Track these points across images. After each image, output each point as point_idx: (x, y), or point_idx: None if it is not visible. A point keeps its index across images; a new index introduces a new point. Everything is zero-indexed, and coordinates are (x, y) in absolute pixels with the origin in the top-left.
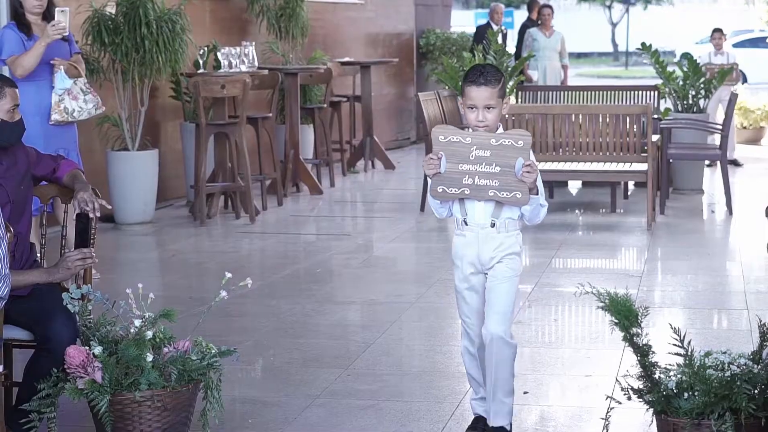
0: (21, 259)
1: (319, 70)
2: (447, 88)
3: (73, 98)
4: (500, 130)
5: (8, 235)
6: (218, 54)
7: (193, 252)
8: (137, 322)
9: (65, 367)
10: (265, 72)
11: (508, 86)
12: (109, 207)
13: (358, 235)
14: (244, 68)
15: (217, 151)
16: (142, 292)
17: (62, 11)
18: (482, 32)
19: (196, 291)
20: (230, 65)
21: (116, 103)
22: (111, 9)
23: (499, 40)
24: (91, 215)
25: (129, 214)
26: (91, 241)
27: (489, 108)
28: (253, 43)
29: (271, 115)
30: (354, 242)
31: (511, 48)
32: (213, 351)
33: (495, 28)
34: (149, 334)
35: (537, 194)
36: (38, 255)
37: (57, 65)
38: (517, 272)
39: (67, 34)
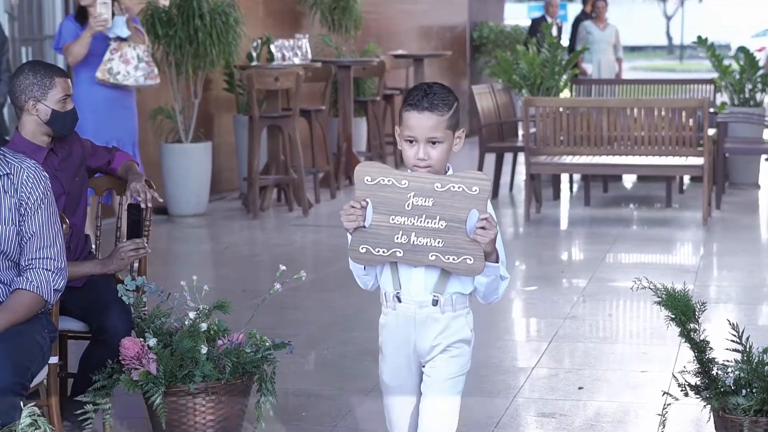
0: (76, 250)
1: (372, 63)
2: (500, 81)
3: (123, 61)
4: (450, 171)
5: (64, 226)
6: (271, 46)
7: (246, 245)
8: (192, 314)
9: (120, 358)
10: (319, 65)
11: (561, 81)
12: (161, 200)
13: None
14: (297, 61)
15: (270, 144)
16: (196, 284)
17: (104, 3)
18: (537, 25)
19: (249, 283)
20: (283, 58)
21: (170, 95)
22: (165, 1)
23: (554, 32)
24: (142, 206)
25: (182, 207)
26: (145, 232)
27: (434, 142)
28: (307, 36)
29: (324, 107)
30: None
31: (565, 41)
32: (267, 344)
33: (549, 20)
34: (204, 326)
35: (496, 261)
36: (93, 246)
37: (123, 8)
38: (464, 369)
39: (110, 25)
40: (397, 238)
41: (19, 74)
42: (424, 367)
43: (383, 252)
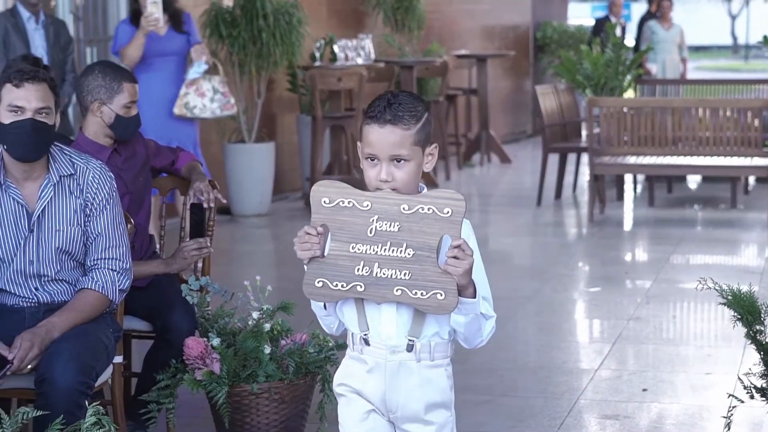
0: (140, 250)
1: (435, 63)
2: (564, 81)
3: (199, 94)
4: (424, 190)
5: (129, 226)
6: (335, 46)
7: None
8: (255, 314)
9: (184, 358)
10: (381, 65)
11: (625, 81)
12: (224, 200)
13: (474, 229)
14: (360, 61)
15: (333, 144)
16: (260, 284)
17: (154, 2)
18: (600, 25)
19: None
20: (346, 58)
21: (233, 95)
22: (229, 2)
23: (618, 32)
24: (204, 206)
25: (245, 206)
26: (209, 232)
27: (398, 160)
28: (370, 36)
29: None
30: None
31: (629, 41)
32: (330, 344)
33: (613, 20)
34: (267, 326)
35: (472, 296)
36: (157, 246)
37: (197, 55)
38: None
39: (161, 24)
40: (358, 270)
41: (89, 74)
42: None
43: (342, 286)
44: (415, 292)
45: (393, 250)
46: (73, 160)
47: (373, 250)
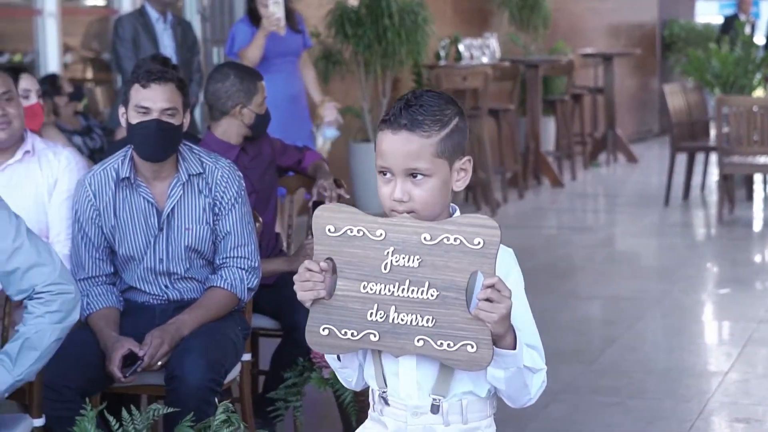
0: (267, 248)
1: (560, 62)
2: (691, 80)
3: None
4: (457, 213)
5: (257, 224)
6: (460, 45)
7: None
8: None
9: (311, 356)
10: (507, 64)
11: (755, 79)
12: (347, 197)
13: (600, 229)
14: (485, 60)
15: None
16: None
17: (276, 2)
18: (729, 22)
19: None
20: (471, 57)
21: (358, 94)
22: (354, 1)
23: (747, 30)
24: (326, 203)
25: (369, 205)
26: None
27: (415, 175)
28: (495, 35)
29: (512, 107)
30: (596, 236)
31: (759, 39)
32: None
33: (742, 18)
34: None
35: (512, 346)
36: (284, 244)
37: (330, 115)
38: None
39: (282, 24)
40: (372, 315)
41: (224, 79)
42: None
43: (352, 335)
44: (441, 343)
45: (413, 291)
46: (202, 159)
47: (389, 291)
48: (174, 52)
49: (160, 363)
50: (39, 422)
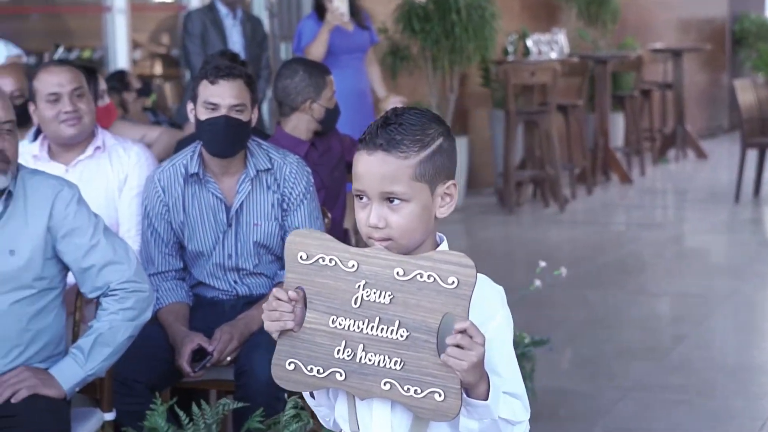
0: None
1: (629, 57)
2: (762, 75)
3: None
4: (443, 247)
5: (326, 220)
6: (528, 41)
7: (501, 240)
8: None
9: None
10: (575, 59)
11: None
12: None
13: (670, 226)
14: (553, 55)
15: (526, 139)
16: None
17: None
18: None
19: (504, 279)
20: (539, 52)
21: (426, 90)
22: None
23: None
24: None
25: None
26: None
27: (392, 200)
28: (563, 30)
29: (581, 103)
30: (665, 233)
31: None
32: (526, 340)
33: None
34: None
35: (485, 396)
36: (353, 241)
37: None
38: None
39: (346, 19)
40: (339, 352)
41: (293, 76)
42: None
43: (318, 372)
44: (408, 389)
45: (382, 329)
46: (271, 154)
47: (358, 327)
48: (243, 48)
49: (229, 358)
50: (110, 416)
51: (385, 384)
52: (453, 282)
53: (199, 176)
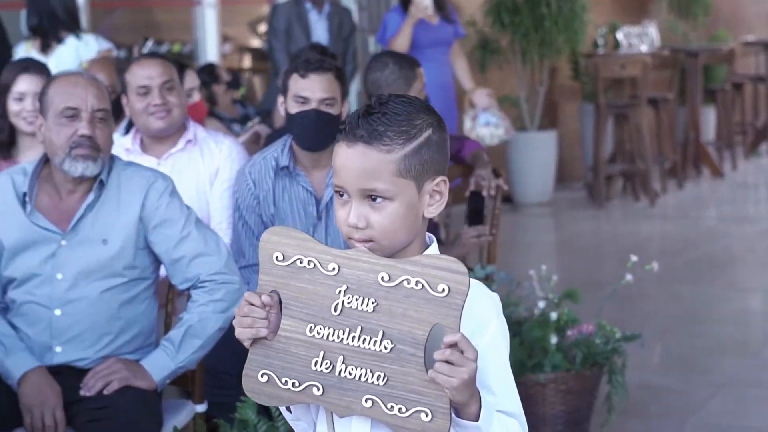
0: None
1: (721, 50)
2: None
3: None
4: (431, 251)
5: None
6: (618, 33)
7: (590, 234)
8: (541, 304)
9: None
10: (666, 52)
11: None
12: (506, 187)
13: (761, 220)
14: (644, 48)
15: (616, 133)
16: (545, 273)
17: None
18: None
19: (594, 274)
20: (630, 45)
21: (515, 83)
22: None
23: None
24: (484, 193)
25: (527, 195)
26: (494, 221)
27: (374, 198)
28: (654, 22)
29: (671, 96)
30: (757, 227)
31: None
32: (617, 335)
33: None
34: (554, 315)
35: (475, 417)
36: (443, 235)
37: (485, 103)
38: None
39: (430, 13)
40: (316, 364)
41: (383, 68)
42: None
43: (294, 385)
44: (391, 407)
45: (365, 340)
46: None
47: (338, 337)
48: (327, 43)
49: None
50: (201, 408)
51: (366, 401)
52: (443, 290)
53: (290, 169)
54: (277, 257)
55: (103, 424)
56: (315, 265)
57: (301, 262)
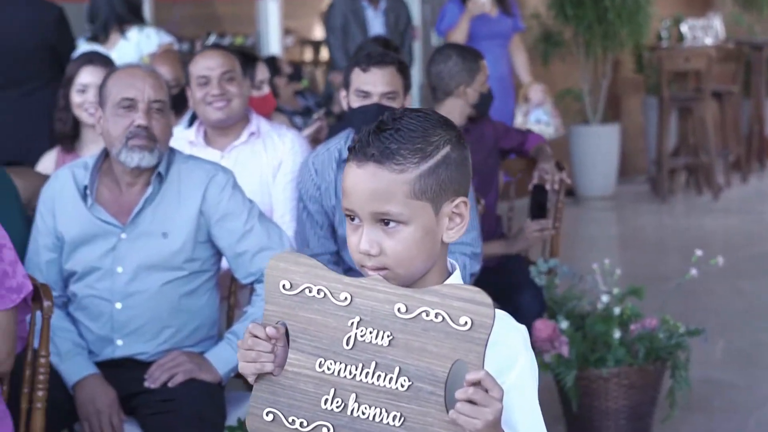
0: (488, 231)
1: None
2: None
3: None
4: (454, 279)
5: (478, 207)
6: (682, 26)
7: (653, 228)
8: (604, 298)
9: (533, 340)
10: (731, 45)
11: None
12: (569, 181)
13: None
14: (708, 41)
15: (680, 126)
16: (608, 267)
17: None
18: None
19: (657, 268)
20: (694, 38)
21: (578, 76)
22: None
23: None
24: (547, 187)
25: (589, 188)
26: (557, 214)
27: (387, 222)
28: (718, 15)
29: (736, 89)
30: None
31: None
32: (681, 330)
33: None
34: (617, 310)
35: None
36: (505, 228)
37: (539, 97)
38: None
39: (487, 9)
40: (327, 402)
41: (446, 60)
42: None
43: (302, 425)
44: None
45: (379, 377)
46: None
47: (350, 373)
48: None
49: None
50: None
51: None
52: (466, 323)
53: None
54: (284, 285)
55: (168, 416)
56: (325, 294)
57: (310, 291)
